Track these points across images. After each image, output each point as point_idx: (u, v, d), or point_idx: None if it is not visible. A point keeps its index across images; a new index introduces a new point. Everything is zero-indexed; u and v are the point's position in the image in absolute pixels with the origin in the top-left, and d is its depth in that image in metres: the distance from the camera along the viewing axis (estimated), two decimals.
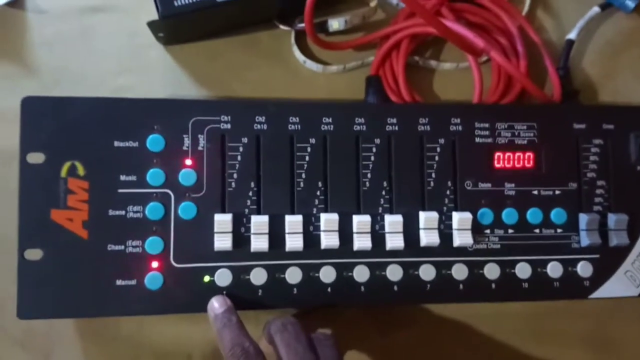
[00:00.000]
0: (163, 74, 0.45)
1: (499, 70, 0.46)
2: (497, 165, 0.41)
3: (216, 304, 0.36)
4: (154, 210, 0.37)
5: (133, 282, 0.36)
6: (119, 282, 0.36)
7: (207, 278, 0.37)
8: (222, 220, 0.37)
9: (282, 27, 0.46)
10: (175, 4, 0.39)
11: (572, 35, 0.48)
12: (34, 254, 0.35)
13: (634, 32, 0.51)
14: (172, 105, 0.38)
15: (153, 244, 0.36)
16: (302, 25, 0.45)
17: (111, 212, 0.36)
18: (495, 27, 0.47)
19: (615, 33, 0.50)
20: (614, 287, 0.41)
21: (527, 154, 0.41)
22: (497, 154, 0.41)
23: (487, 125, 0.41)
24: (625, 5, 0.49)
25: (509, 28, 0.47)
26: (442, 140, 0.40)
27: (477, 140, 0.41)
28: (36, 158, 0.36)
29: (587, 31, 0.49)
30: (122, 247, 0.36)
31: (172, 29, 0.42)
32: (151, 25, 0.41)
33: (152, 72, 0.45)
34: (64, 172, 0.36)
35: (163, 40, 0.44)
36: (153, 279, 0.36)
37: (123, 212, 0.36)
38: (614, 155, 0.41)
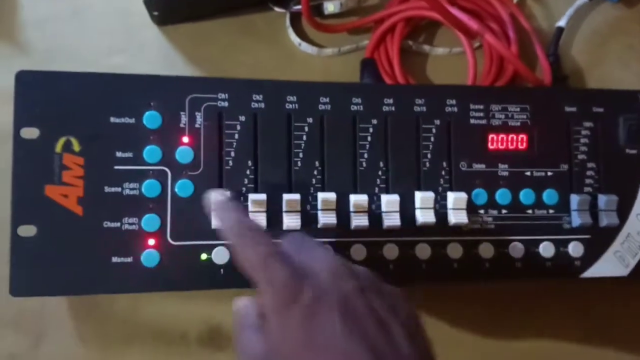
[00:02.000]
0: (156, 54, 0.45)
1: (491, 54, 0.47)
2: (491, 147, 0.41)
3: (216, 194, 0.34)
4: (150, 188, 0.36)
5: (129, 259, 0.36)
6: (114, 260, 0.35)
7: (204, 256, 0.37)
8: None
9: (277, 9, 0.46)
10: None
11: (561, 23, 0.49)
12: (28, 231, 0.35)
13: (620, 22, 0.52)
14: (169, 82, 0.38)
15: (149, 221, 0.36)
16: (298, 7, 0.45)
17: (107, 189, 0.36)
18: (488, 14, 0.48)
19: (603, 22, 0.52)
20: (604, 267, 0.41)
21: (520, 135, 0.42)
22: (491, 136, 0.41)
23: (481, 107, 0.41)
24: None
25: (500, 15, 0.47)
26: (437, 121, 0.41)
27: (472, 121, 0.41)
28: (30, 133, 0.35)
29: (576, 19, 0.50)
30: (118, 224, 0.36)
31: (167, 6, 0.42)
32: (147, 2, 0.40)
33: (146, 52, 0.45)
34: (58, 147, 0.35)
35: (157, 20, 0.44)
36: (149, 257, 0.36)
37: (119, 189, 0.36)
38: (603, 137, 0.42)
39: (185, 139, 0.37)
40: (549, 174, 0.41)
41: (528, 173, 0.41)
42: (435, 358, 0.27)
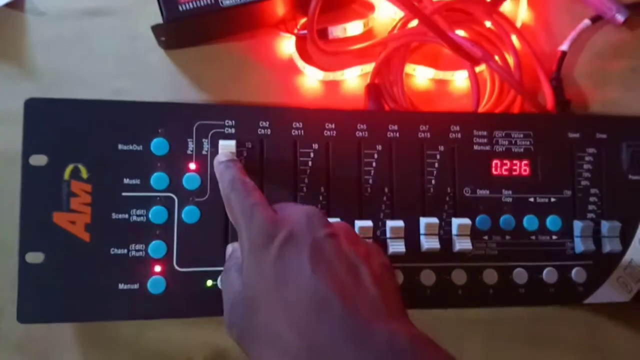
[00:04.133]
0: (163, 78, 0.45)
1: (493, 79, 0.48)
2: (494, 173, 0.42)
3: (221, 155, 0.36)
4: (157, 214, 0.37)
5: (136, 286, 0.36)
6: (121, 286, 0.36)
7: (209, 282, 0.37)
8: None
9: (283, 33, 0.47)
10: (180, 8, 0.39)
11: (564, 47, 0.49)
12: (36, 257, 0.35)
13: (624, 45, 0.52)
14: (176, 109, 0.38)
15: (156, 248, 0.36)
16: (304, 31, 0.45)
17: (114, 216, 0.36)
18: (490, 39, 0.48)
19: (606, 45, 0.52)
20: (607, 292, 0.42)
21: (524, 161, 0.42)
22: (494, 162, 0.42)
23: (485, 133, 0.42)
24: (615, 18, 0.51)
25: (503, 39, 0.48)
26: (441, 147, 0.41)
27: (476, 147, 0.42)
28: (39, 160, 0.36)
29: (578, 43, 0.51)
30: (125, 250, 0.36)
31: (175, 33, 0.42)
32: (155, 29, 0.41)
33: (152, 76, 0.45)
34: (67, 174, 0.36)
35: (164, 44, 0.44)
36: (156, 283, 0.36)
37: (126, 216, 0.36)
38: (607, 163, 0.43)
39: (192, 166, 0.38)
40: (552, 200, 0.42)
41: (531, 199, 0.42)
42: (403, 306, 0.29)
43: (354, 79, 0.48)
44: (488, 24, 0.49)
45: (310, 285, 0.27)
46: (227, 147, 0.37)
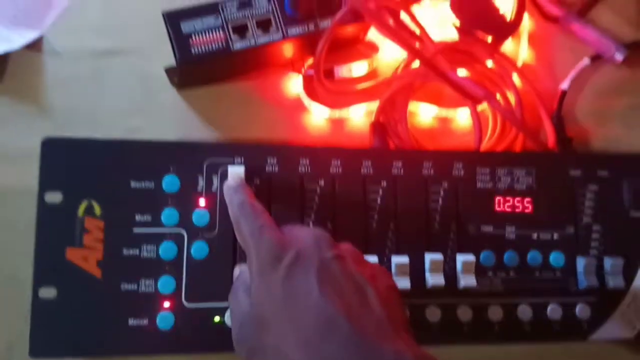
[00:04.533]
0: (174, 116, 0.46)
1: (495, 117, 0.49)
2: (498, 209, 0.42)
3: (230, 180, 0.38)
4: (167, 250, 0.38)
5: (145, 321, 0.37)
6: (131, 322, 0.36)
7: (217, 318, 0.38)
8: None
9: (291, 72, 0.48)
10: (193, 51, 0.41)
11: (564, 86, 0.51)
12: (48, 293, 0.36)
13: (623, 83, 0.53)
14: (187, 148, 0.39)
15: (165, 284, 0.37)
16: (311, 71, 0.47)
17: (125, 252, 0.37)
18: (492, 78, 0.50)
19: (606, 83, 0.53)
20: (612, 329, 0.42)
21: (526, 198, 0.43)
22: (497, 198, 0.42)
23: (487, 170, 0.43)
24: (614, 57, 0.52)
25: (504, 78, 0.49)
26: (445, 184, 0.42)
27: (479, 184, 0.42)
28: (54, 197, 0.37)
29: (578, 81, 0.52)
30: (135, 286, 0.37)
31: (187, 74, 0.44)
32: (168, 70, 0.42)
33: (163, 114, 0.46)
34: (81, 211, 0.37)
35: (176, 84, 0.46)
36: (164, 319, 0.37)
37: (137, 252, 0.37)
38: (608, 200, 0.43)
39: (202, 202, 0.39)
40: (555, 236, 0.42)
41: (534, 235, 0.42)
42: (408, 326, 0.29)
43: (359, 116, 0.49)
44: (490, 63, 0.50)
45: (318, 305, 0.27)
46: (236, 172, 0.38)
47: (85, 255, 0.36)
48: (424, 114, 0.50)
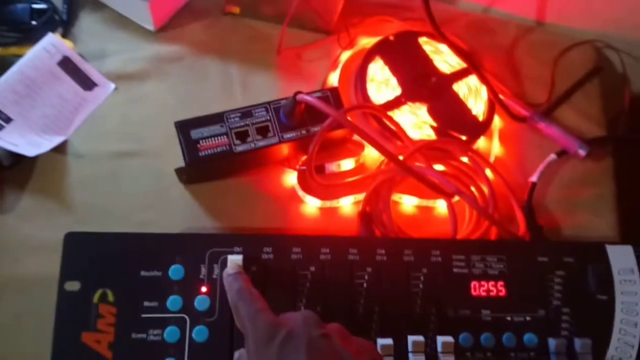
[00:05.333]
0: (182, 209, 0.52)
1: (470, 208, 0.54)
2: (474, 293, 0.46)
3: (229, 268, 0.42)
4: (171, 334, 0.41)
5: None
6: None
7: None
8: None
9: (286, 168, 0.54)
10: (200, 154, 0.47)
11: (534, 178, 0.56)
12: None
13: (588, 175, 0.59)
14: (192, 239, 0.44)
15: None
16: (304, 167, 0.52)
17: (134, 335, 0.41)
18: (467, 172, 0.55)
19: (573, 175, 0.59)
20: None
21: (499, 283, 0.47)
22: (473, 283, 0.46)
23: (462, 257, 0.47)
24: (577, 152, 0.58)
25: (478, 172, 0.55)
26: (424, 270, 0.46)
27: (455, 270, 0.47)
28: (73, 286, 0.41)
29: (547, 174, 0.57)
30: None
31: (194, 173, 0.49)
32: (177, 170, 0.48)
33: (172, 207, 0.52)
34: (96, 298, 0.41)
35: (185, 181, 0.51)
36: None
37: (144, 335, 0.41)
38: (575, 285, 0.47)
39: (204, 289, 0.43)
40: (528, 318, 0.46)
41: (509, 318, 0.46)
42: None
43: (348, 206, 0.54)
44: (465, 159, 0.56)
45: None
46: (235, 261, 0.43)
47: (99, 338, 0.40)
48: (406, 203, 0.55)
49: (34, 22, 0.56)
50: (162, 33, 0.59)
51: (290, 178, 0.54)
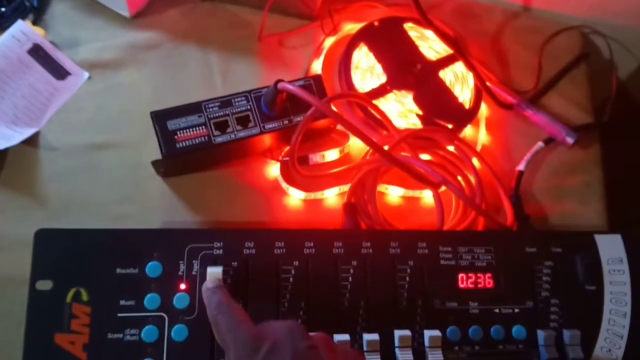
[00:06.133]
0: (161, 203, 0.50)
1: (457, 198, 0.53)
2: (461, 286, 0.45)
3: (208, 282, 0.40)
4: (149, 333, 0.40)
5: None
6: None
7: None
8: None
9: (269, 159, 0.52)
10: (177, 146, 0.45)
11: (521, 167, 0.55)
12: None
13: (576, 163, 0.58)
14: (170, 234, 0.43)
15: None
16: (287, 158, 0.51)
17: (110, 336, 0.39)
18: (453, 161, 0.54)
19: (560, 163, 0.58)
20: None
21: (487, 274, 0.46)
22: (460, 275, 0.45)
23: (449, 249, 0.46)
24: (565, 140, 0.57)
25: (465, 161, 0.54)
26: (411, 262, 0.45)
27: (442, 262, 0.46)
28: (44, 285, 0.39)
29: (534, 162, 0.57)
30: None
31: (172, 165, 0.48)
32: (154, 163, 0.46)
33: (150, 201, 0.50)
34: (69, 297, 0.39)
35: (162, 174, 0.49)
36: None
37: (121, 335, 0.39)
38: (564, 275, 0.46)
39: (183, 286, 0.41)
40: (516, 310, 0.45)
41: (497, 310, 0.45)
42: None
43: (333, 197, 0.53)
44: (451, 148, 0.55)
45: None
46: (214, 274, 0.41)
47: (73, 339, 0.39)
48: (392, 194, 0.54)
49: (2, 9, 0.53)
50: (137, 19, 0.56)
51: (273, 170, 0.53)
